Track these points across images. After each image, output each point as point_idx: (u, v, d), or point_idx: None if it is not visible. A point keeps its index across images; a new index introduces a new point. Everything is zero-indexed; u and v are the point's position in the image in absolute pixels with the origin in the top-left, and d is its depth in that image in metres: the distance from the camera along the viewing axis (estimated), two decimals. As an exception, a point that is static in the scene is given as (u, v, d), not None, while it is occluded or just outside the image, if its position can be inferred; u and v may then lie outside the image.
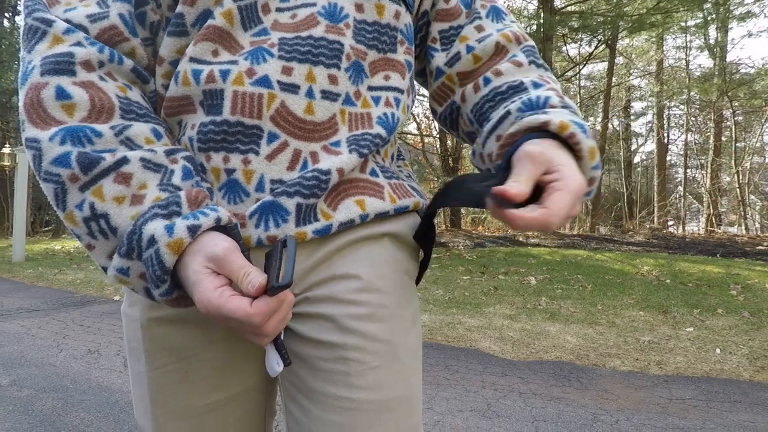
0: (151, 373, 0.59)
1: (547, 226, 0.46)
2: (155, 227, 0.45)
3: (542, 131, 0.52)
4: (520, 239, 9.02)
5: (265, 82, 0.52)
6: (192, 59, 0.53)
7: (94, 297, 5.37)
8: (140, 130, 0.51)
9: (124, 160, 0.47)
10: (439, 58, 0.67)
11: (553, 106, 0.55)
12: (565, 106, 0.56)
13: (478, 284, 5.48)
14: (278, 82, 0.52)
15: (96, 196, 0.46)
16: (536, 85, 0.60)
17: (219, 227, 0.48)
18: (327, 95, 0.55)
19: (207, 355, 0.58)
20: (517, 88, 0.60)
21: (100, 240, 0.47)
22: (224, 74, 0.52)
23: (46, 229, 17.91)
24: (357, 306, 0.56)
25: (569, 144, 0.51)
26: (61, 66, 0.49)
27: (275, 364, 0.49)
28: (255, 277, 0.44)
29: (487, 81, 0.63)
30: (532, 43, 0.66)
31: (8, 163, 8.74)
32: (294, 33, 0.54)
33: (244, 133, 0.52)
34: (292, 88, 0.53)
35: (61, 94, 0.48)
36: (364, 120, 0.58)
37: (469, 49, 0.64)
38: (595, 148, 0.51)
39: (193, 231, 0.45)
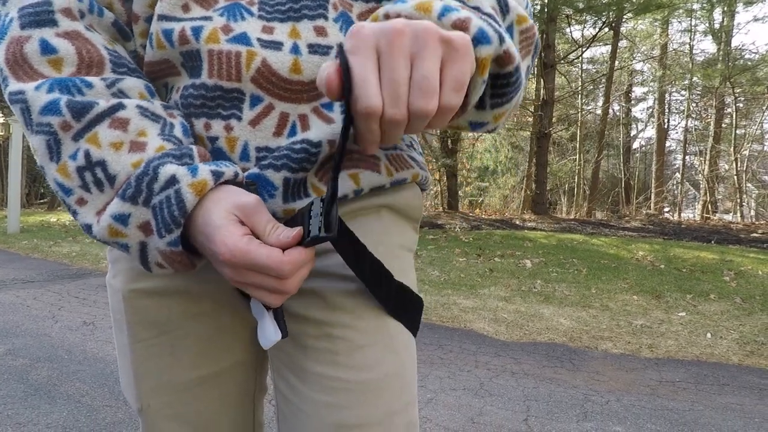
0: (134, 345, 0.57)
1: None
2: (175, 169, 0.42)
3: None
4: (517, 223, 9.04)
5: (243, 39, 0.47)
6: (161, 17, 0.49)
7: (89, 270, 5.37)
8: (134, 84, 0.48)
9: (120, 106, 0.44)
10: None
11: None
12: None
13: (473, 266, 5.51)
14: (258, 39, 0.48)
15: (91, 143, 0.43)
16: None
17: (236, 183, 0.46)
18: (316, 49, 0.49)
19: (191, 330, 0.56)
20: None
21: (94, 193, 0.44)
22: (197, 32, 0.47)
23: (41, 201, 17.83)
24: (347, 282, 0.53)
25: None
26: (41, 16, 0.45)
27: (272, 334, 0.46)
28: (286, 230, 0.42)
29: None
30: None
31: (2, 133, 8.62)
32: None
33: (224, 97, 0.48)
34: (275, 45, 0.48)
35: (46, 48, 0.45)
36: None
37: None
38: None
39: (217, 176, 0.43)
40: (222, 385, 0.59)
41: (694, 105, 17.09)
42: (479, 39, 0.37)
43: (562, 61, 11.99)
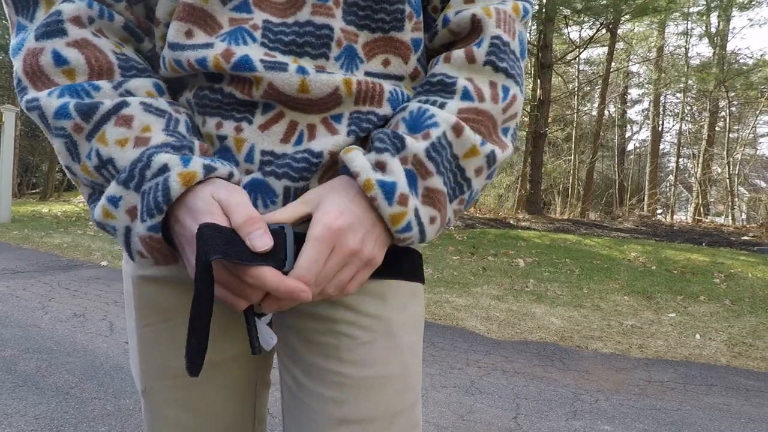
0: (140, 329, 0.59)
1: (296, 297, 0.42)
2: (168, 158, 0.43)
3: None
4: (511, 222, 9.06)
5: (246, 63, 0.47)
6: (170, 45, 0.50)
7: (80, 261, 5.33)
8: (141, 83, 0.49)
9: (124, 104, 0.46)
10: (429, 33, 0.58)
11: (426, 137, 0.47)
12: (436, 144, 0.47)
13: (467, 265, 5.52)
14: (261, 61, 0.47)
15: (100, 142, 0.45)
16: (465, 95, 0.50)
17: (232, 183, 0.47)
18: (322, 70, 0.49)
19: None
20: (446, 88, 0.50)
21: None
22: (202, 63, 0.48)
23: (33, 191, 17.67)
24: None
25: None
26: (51, 27, 0.47)
27: (269, 338, 0.50)
28: (262, 237, 0.42)
29: (437, 61, 0.53)
30: (506, 39, 0.52)
31: (-6, 122, 8.51)
32: (280, 18, 0.49)
33: (238, 103, 0.50)
34: (280, 66, 0.47)
35: (59, 60, 0.47)
36: (375, 92, 0.51)
37: (445, 22, 0.54)
38: (397, 215, 0.46)
39: (208, 170, 0.44)
40: (222, 376, 0.60)
41: (688, 108, 17.19)
42: (402, 230, 0.47)
43: (559, 62, 12.02)
